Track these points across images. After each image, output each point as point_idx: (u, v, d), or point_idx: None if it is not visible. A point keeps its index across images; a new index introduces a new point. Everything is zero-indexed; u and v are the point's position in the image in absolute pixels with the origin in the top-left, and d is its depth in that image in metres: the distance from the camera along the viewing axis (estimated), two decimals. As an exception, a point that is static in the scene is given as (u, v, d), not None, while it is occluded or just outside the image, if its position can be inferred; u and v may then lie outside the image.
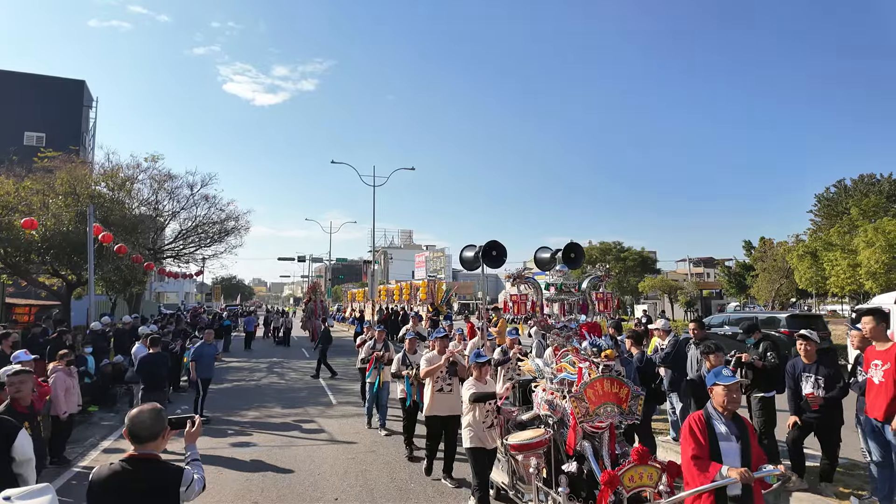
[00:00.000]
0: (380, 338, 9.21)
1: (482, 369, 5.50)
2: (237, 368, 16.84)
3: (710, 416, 3.55)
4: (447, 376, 6.30)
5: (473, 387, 5.38)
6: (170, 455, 7.59)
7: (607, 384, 4.21)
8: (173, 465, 2.79)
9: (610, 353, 4.32)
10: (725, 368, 3.74)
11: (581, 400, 4.12)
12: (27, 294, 22.44)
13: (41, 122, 34.46)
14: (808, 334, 5.79)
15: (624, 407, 4.22)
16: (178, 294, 59.43)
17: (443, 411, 6.27)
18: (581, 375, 4.33)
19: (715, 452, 3.42)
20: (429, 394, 6.35)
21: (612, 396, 4.20)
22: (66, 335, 10.90)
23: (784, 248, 34.48)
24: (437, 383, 6.28)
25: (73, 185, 17.49)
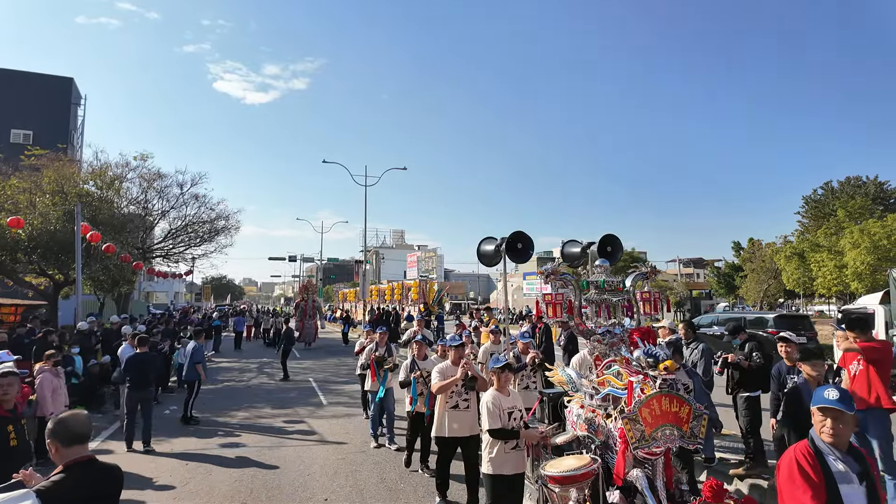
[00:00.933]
0: (381, 341, 8.47)
1: (503, 376, 4.73)
2: (227, 369, 16.75)
3: (820, 450, 2.67)
4: (463, 391, 5.51)
5: (492, 404, 4.56)
6: (170, 455, 7.54)
7: (666, 402, 3.59)
8: None
9: (671, 365, 3.67)
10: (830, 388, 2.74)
11: (635, 421, 3.49)
12: (13, 294, 22.17)
13: (28, 119, 34.05)
14: (789, 336, 5.86)
15: (685, 429, 3.57)
16: (167, 294, 58.96)
17: (460, 431, 5.45)
18: (632, 391, 3.69)
19: (834, 499, 2.57)
20: (440, 411, 5.49)
21: (672, 417, 3.56)
22: (52, 335, 10.79)
23: (772, 249, 34.86)
24: (450, 399, 5.49)
25: (60, 183, 17.33)
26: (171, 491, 6.19)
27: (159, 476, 6.69)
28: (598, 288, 4.74)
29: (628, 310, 4.73)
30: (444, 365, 5.74)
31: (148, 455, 7.61)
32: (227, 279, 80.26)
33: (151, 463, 7.22)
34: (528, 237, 6.41)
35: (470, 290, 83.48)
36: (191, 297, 56.77)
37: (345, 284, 70.50)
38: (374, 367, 8.01)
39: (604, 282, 4.74)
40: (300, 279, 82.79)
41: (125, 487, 6.44)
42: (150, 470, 6.92)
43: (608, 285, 4.74)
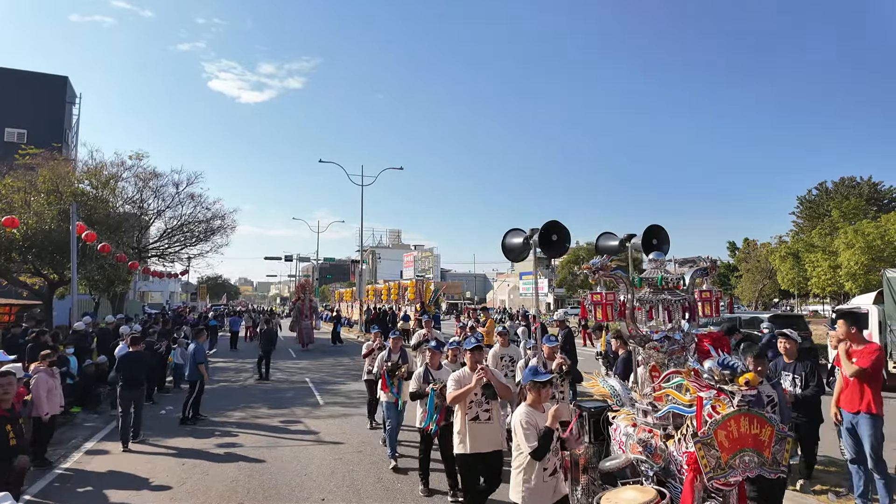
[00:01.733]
0: (395, 346, 7.71)
1: (543, 392, 3.97)
2: (223, 369, 16.72)
3: None
4: (484, 400, 4.87)
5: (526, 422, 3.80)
6: (167, 455, 7.53)
7: (745, 423, 3.07)
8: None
9: (753, 379, 3.08)
10: None
11: (710, 446, 2.98)
12: (8, 293, 22.05)
13: (22, 118, 33.87)
14: (789, 333, 5.92)
15: (766, 454, 3.07)
16: (162, 293, 58.73)
17: (482, 446, 4.80)
18: (701, 408, 3.16)
19: None
20: (460, 424, 4.87)
21: (752, 440, 3.06)
22: (45, 335, 10.74)
23: (767, 250, 35.07)
24: (470, 410, 4.83)
25: (55, 182, 17.26)
26: (168, 491, 6.18)
27: (155, 476, 6.68)
28: (653, 286, 4.09)
29: (688, 311, 4.04)
30: (460, 372, 5.08)
31: (144, 455, 7.59)
32: (222, 279, 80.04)
33: (148, 463, 7.21)
34: (564, 228, 5.63)
35: (466, 290, 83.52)
36: (186, 297, 56.64)
37: (341, 284, 70.47)
38: (386, 377, 7.23)
39: (661, 278, 4.06)
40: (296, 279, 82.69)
41: (122, 488, 6.46)
42: (147, 470, 6.91)
43: (666, 282, 4.07)
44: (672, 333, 3.90)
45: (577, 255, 47.48)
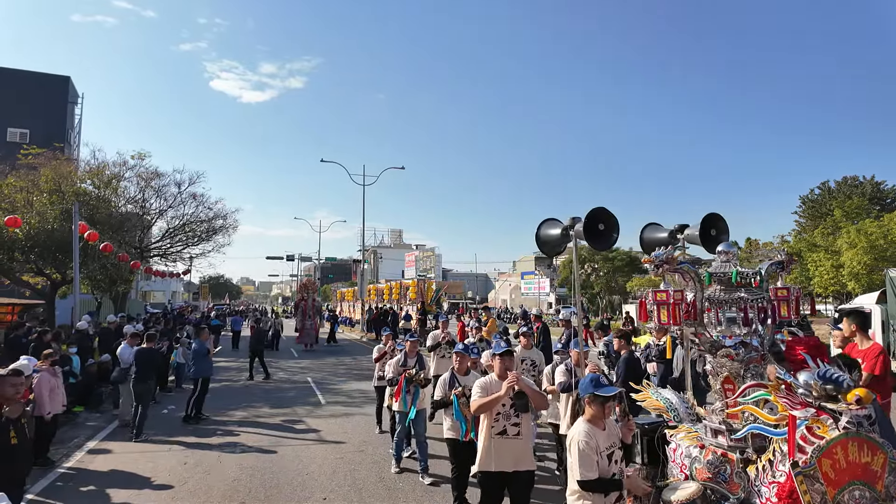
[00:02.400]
0: (411, 351, 7.20)
1: (606, 407, 3.39)
2: (225, 368, 16.71)
3: None
4: (513, 412, 4.25)
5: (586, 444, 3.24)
6: (169, 454, 7.53)
7: (854, 449, 2.57)
8: None
9: (865, 396, 2.59)
10: None
11: (813, 479, 2.52)
12: (10, 293, 22.11)
13: (25, 118, 33.93)
14: (796, 332, 5.89)
15: (879, 488, 2.58)
16: (164, 293, 58.82)
17: (508, 464, 4.22)
18: (794, 429, 2.68)
19: None
20: (484, 438, 4.28)
21: (862, 471, 2.57)
22: (46, 335, 10.76)
23: (769, 249, 34.99)
24: (496, 423, 4.23)
25: (57, 182, 17.29)
26: (170, 490, 6.19)
27: (157, 475, 6.68)
28: (724, 283, 3.49)
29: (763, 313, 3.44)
30: (487, 379, 4.51)
31: (146, 454, 7.60)
32: (224, 278, 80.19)
33: (150, 462, 7.21)
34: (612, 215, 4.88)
35: (468, 290, 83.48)
36: (188, 297, 56.74)
37: (343, 284, 70.49)
38: (403, 384, 6.66)
39: (736, 273, 3.45)
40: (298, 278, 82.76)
41: (124, 487, 6.46)
42: (149, 469, 6.91)
43: (741, 278, 3.45)
44: (748, 339, 3.34)
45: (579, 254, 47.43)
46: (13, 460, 4.41)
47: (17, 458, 4.44)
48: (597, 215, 4.87)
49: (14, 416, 4.45)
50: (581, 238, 4.94)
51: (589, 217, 4.83)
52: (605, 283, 45.16)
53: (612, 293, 46.32)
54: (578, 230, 4.90)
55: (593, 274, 46.39)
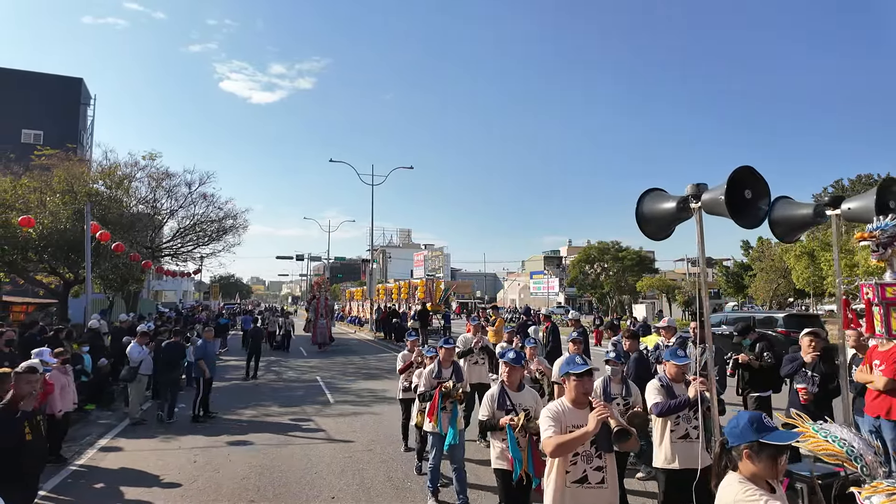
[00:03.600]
0: (447, 359, 6.12)
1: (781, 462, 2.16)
2: (235, 367, 16.80)
3: None
4: (594, 452, 3.23)
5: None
6: (178, 452, 7.59)
7: None
8: None
9: None
10: None
11: None
12: (24, 292, 22.42)
13: (38, 119, 34.40)
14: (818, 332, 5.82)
15: None
16: (175, 292, 59.39)
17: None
18: None
19: None
20: (555, 486, 3.21)
21: None
22: (61, 333, 10.87)
23: (782, 249, 34.60)
24: (573, 467, 3.21)
25: (70, 182, 17.47)
26: (179, 488, 6.22)
27: (167, 473, 6.72)
28: None
29: None
30: (558, 406, 3.30)
31: (156, 452, 7.66)
32: (235, 278, 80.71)
33: (160, 460, 7.26)
34: (762, 179, 3.52)
35: (476, 290, 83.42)
36: (199, 296, 57.19)
37: (352, 283, 70.67)
38: (438, 400, 5.61)
39: None
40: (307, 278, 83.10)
41: (135, 484, 6.50)
42: (159, 467, 6.96)
43: None
44: None
45: (588, 254, 47.21)
46: (25, 455, 4.43)
47: (30, 453, 4.46)
48: (742, 178, 3.43)
49: (28, 410, 4.48)
50: (715, 211, 3.47)
51: (732, 181, 3.37)
52: (615, 282, 44.89)
53: (622, 293, 46.04)
54: (711, 201, 3.48)
55: (602, 274, 46.14)
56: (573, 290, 54.93)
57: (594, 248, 47.09)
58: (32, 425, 4.48)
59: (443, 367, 6.04)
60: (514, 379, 4.47)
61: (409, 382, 7.21)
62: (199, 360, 9.77)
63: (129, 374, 9.47)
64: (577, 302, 60.29)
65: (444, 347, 6.18)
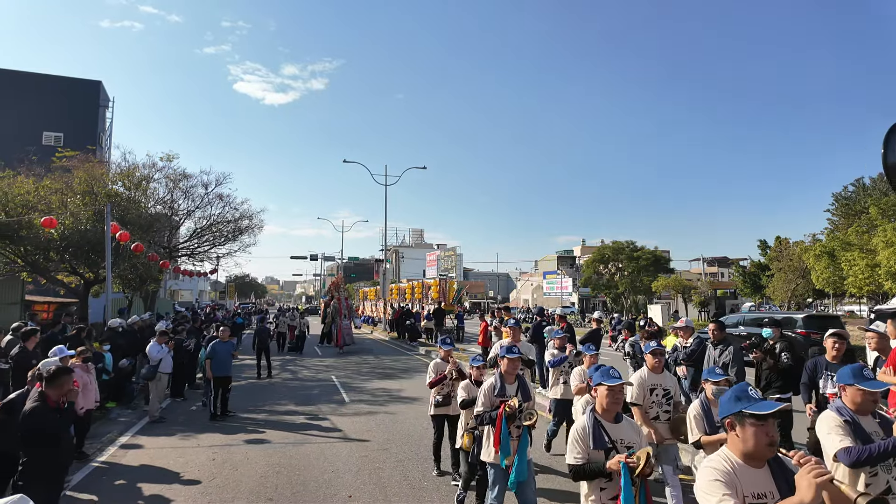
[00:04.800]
0: (510, 372, 4.82)
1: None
2: (250, 366, 16.97)
3: None
4: None
5: None
6: (197, 450, 7.68)
7: None
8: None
9: None
10: None
11: None
12: (45, 291, 22.84)
13: (59, 121, 35.06)
14: (843, 333, 5.72)
15: None
16: (192, 292, 60.10)
17: None
18: None
19: None
20: None
21: None
22: (83, 332, 11.07)
23: (801, 248, 34.07)
24: None
25: (90, 184, 17.77)
26: (199, 485, 6.30)
27: (187, 471, 6.82)
28: None
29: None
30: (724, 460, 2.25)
31: (176, 450, 7.77)
32: (250, 278, 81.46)
33: (180, 458, 7.36)
34: None
35: (489, 290, 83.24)
36: (215, 296, 57.79)
37: (365, 283, 70.97)
38: (502, 424, 4.51)
39: None
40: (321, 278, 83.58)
41: (155, 481, 6.60)
42: (179, 465, 7.06)
43: None
44: None
45: (602, 253, 46.89)
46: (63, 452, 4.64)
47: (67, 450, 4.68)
48: None
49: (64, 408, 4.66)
50: None
51: None
52: (630, 282, 44.49)
53: (637, 293, 45.62)
54: None
55: (617, 273, 45.79)
56: (587, 290, 54.57)
57: (608, 248, 46.75)
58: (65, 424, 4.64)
59: (506, 382, 4.79)
60: (614, 406, 3.34)
61: (441, 396, 6.46)
62: (206, 360, 9.90)
63: (149, 373, 9.62)
64: (591, 302, 59.90)
65: (508, 358, 4.77)
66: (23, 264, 17.07)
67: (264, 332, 15.51)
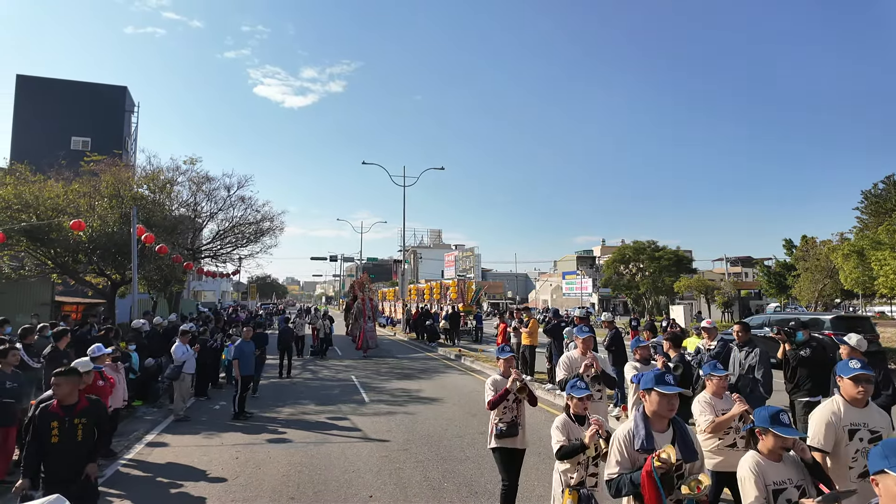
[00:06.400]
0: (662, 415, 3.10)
1: None
2: (272, 365, 17.18)
3: None
4: None
5: None
6: (221, 449, 7.81)
7: None
8: None
9: None
10: None
11: None
12: (74, 292, 23.45)
13: (87, 126, 35.99)
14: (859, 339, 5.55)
15: None
16: (214, 292, 61.09)
17: None
18: None
19: None
20: None
21: None
22: (111, 332, 11.34)
23: (828, 247, 33.22)
24: None
25: (117, 187, 18.20)
26: (223, 483, 6.41)
27: (211, 469, 6.94)
28: None
29: None
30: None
31: (200, 448, 7.91)
32: (271, 278, 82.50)
33: (204, 456, 7.50)
34: None
35: (508, 290, 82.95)
36: (237, 296, 58.64)
37: (384, 284, 71.26)
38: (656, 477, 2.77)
39: None
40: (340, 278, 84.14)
41: (181, 479, 6.71)
42: (203, 463, 7.19)
43: None
44: None
45: (623, 253, 46.37)
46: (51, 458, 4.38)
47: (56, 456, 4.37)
48: None
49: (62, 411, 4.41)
50: None
51: None
52: (651, 283, 43.90)
53: (659, 293, 44.99)
54: None
55: (639, 274, 45.22)
56: (607, 290, 54.01)
57: (629, 248, 46.18)
58: (64, 428, 4.31)
59: (653, 428, 3.08)
60: (777, 447, 2.87)
61: (506, 423, 4.83)
62: (233, 361, 10.06)
63: (174, 373, 9.81)
64: (612, 303, 59.29)
65: (659, 392, 3.07)
66: (53, 266, 17.55)
67: (287, 332, 15.71)
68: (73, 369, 4.61)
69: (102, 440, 4.89)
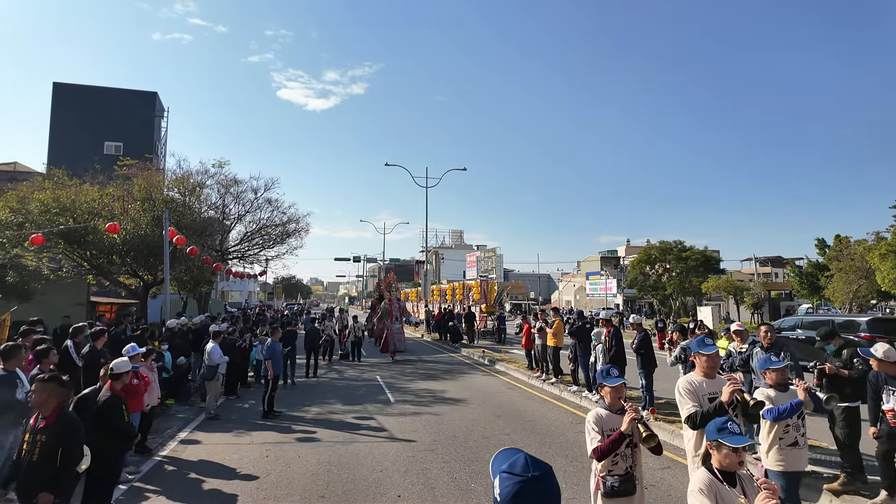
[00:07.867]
0: None
1: None
2: (299, 365, 17.41)
3: None
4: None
5: None
6: (252, 447, 7.96)
7: None
8: None
9: None
10: None
11: None
12: (108, 293, 24.16)
13: (119, 132, 37.08)
14: None
15: None
16: (241, 293, 62.17)
17: None
18: None
19: None
20: None
21: None
22: (146, 332, 11.65)
23: (864, 247, 32.18)
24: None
25: (149, 191, 18.71)
26: (255, 481, 6.54)
27: (243, 466, 7.08)
28: None
29: None
30: None
31: (231, 446, 8.07)
32: (296, 279, 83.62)
33: (235, 454, 7.65)
34: None
35: (530, 291, 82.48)
36: (264, 297, 59.58)
37: (406, 284, 71.57)
38: None
39: None
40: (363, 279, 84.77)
41: (214, 476, 6.84)
42: (235, 460, 7.34)
43: None
44: None
45: (649, 253, 45.68)
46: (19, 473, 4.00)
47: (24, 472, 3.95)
48: None
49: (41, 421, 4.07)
50: None
51: None
52: (678, 283, 43.13)
53: (686, 294, 44.17)
54: None
55: (665, 274, 44.47)
56: (632, 291, 53.27)
57: (655, 248, 45.49)
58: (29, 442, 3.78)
59: None
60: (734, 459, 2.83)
61: (619, 477, 3.47)
62: (266, 360, 10.25)
63: (209, 373, 10.03)
64: (637, 304, 58.44)
65: None
66: (88, 267, 18.11)
67: (314, 332, 15.93)
68: (54, 376, 4.07)
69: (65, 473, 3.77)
